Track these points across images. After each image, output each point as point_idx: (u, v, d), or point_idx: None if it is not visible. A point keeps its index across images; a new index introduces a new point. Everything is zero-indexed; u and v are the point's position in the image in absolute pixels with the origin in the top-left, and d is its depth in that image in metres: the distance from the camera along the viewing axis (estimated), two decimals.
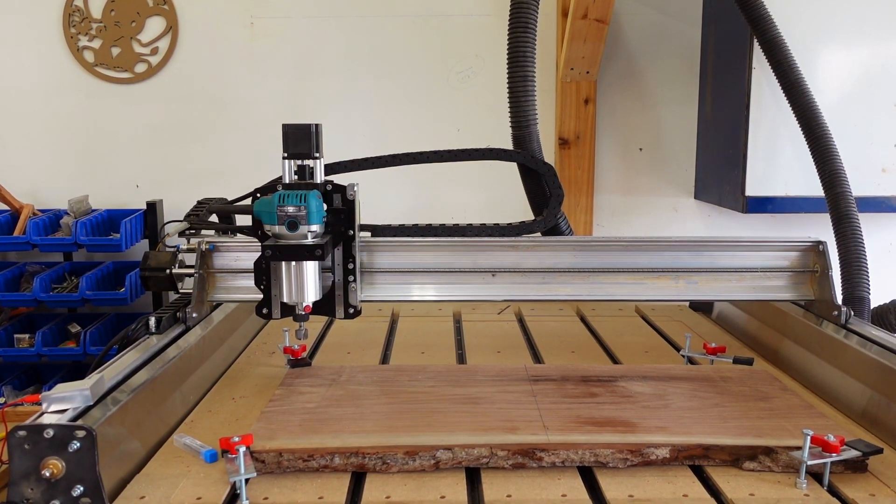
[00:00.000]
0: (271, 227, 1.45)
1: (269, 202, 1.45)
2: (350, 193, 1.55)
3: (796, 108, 2.25)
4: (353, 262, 1.58)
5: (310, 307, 1.51)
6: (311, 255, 1.43)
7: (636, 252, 1.75)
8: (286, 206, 1.42)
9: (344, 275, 1.59)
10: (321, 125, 1.50)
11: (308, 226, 1.43)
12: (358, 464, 1.22)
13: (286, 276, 1.47)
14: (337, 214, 1.54)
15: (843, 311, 1.68)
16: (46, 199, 3.13)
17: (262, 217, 1.48)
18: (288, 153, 1.50)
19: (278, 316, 1.56)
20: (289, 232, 1.42)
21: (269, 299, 1.56)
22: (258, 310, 1.58)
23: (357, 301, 1.60)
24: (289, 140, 1.49)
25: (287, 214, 1.42)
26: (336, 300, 1.59)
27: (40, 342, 2.78)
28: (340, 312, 1.60)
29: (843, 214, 2.07)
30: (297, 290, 1.47)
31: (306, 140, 1.48)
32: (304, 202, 1.42)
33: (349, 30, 3.09)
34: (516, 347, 1.93)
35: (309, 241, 1.44)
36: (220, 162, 3.15)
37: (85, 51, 3.08)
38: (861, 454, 1.21)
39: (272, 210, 1.43)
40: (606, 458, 1.24)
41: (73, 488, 1.05)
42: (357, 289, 1.59)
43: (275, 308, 1.55)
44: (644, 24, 3.09)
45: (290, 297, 1.48)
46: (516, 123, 1.88)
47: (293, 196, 1.43)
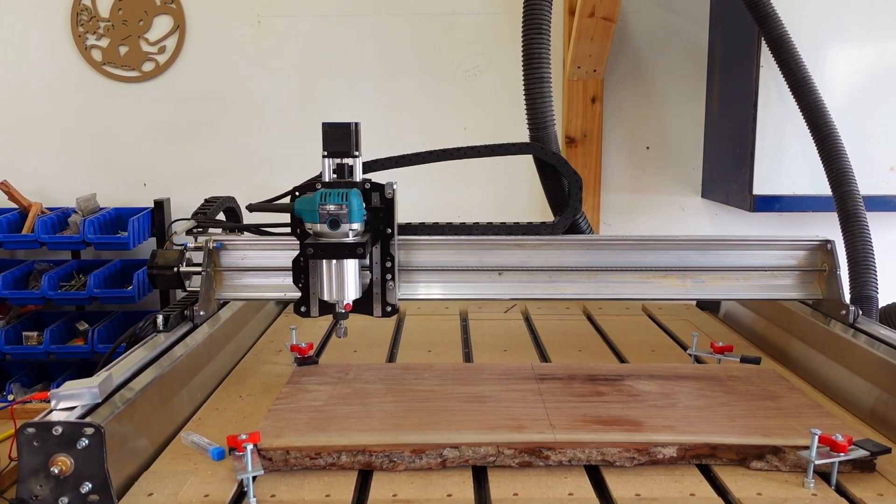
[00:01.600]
0: (313, 226, 1.46)
1: (310, 201, 1.45)
2: (388, 192, 1.55)
3: (803, 107, 2.24)
4: (391, 261, 1.58)
5: (350, 305, 1.52)
6: (352, 253, 1.44)
7: (643, 251, 1.75)
8: (328, 205, 1.43)
9: (382, 273, 1.59)
10: (360, 124, 1.50)
11: (349, 224, 1.43)
12: (365, 462, 1.22)
13: (326, 274, 1.48)
14: (375, 213, 1.54)
15: (851, 310, 1.67)
16: (54, 197, 3.14)
17: (303, 215, 1.48)
18: (328, 152, 1.50)
19: (317, 314, 1.58)
20: (330, 230, 1.43)
21: (308, 298, 1.58)
22: (296, 308, 1.59)
23: (395, 299, 1.60)
24: (328, 139, 1.50)
25: (329, 213, 1.42)
26: (374, 298, 1.60)
27: (48, 340, 2.79)
28: (378, 311, 1.61)
29: (850, 213, 2.06)
30: (338, 289, 1.48)
31: (346, 139, 1.49)
32: (345, 200, 1.43)
33: (356, 28, 3.09)
34: (523, 346, 1.93)
35: (350, 240, 1.44)
36: (227, 160, 3.16)
37: (93, 49, 3.08)
38: (869, 454, 1.20)
39: (314, 209, 1.44)
40: (613, 457, 1.23)
41: (81, 485, 1.05)
42: (395, 287, 1.59)
43: (313, 306, 1.57)
44: (651, 22, 3.08)
45: (330, 296, 1.49)
46: (534, 125, 1.87)
47: (335, 194, 1.44)
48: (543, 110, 1.84)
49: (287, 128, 3.15)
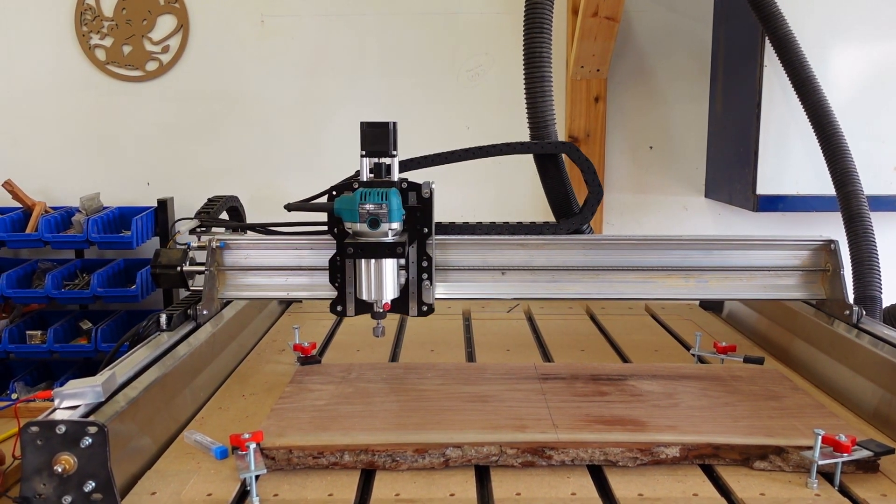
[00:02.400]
0: (352, 225, 1.46)
1: (349, 200, 1.45)
2: (425, 191, 1.55)
3: (807, 106, 2.23)
4: (427, 260, 1.59)
5: (388, 305, 1.52)
6: (392, 252, 1.44)
7: (646, 250, 1.74)
8: (367, 204, 1.43)
9: (418, 273, 1.59)
10: (397, 123, 1.50)
11: (389, 223, 1.43)
12: (367, 461, 1.22)
13: (365, 273, 1.49)
14: (412, 212, 1.54)
15: (854, 310, 1.67)
16: (58, 196, 3.15)
17: (342, 214, 1.48)
18: (366, 151, 1.50)
19: (352, 314, 1.59)
20: (370, 230, 1.43)
21: (343, 297, 1.58)
22: (332, 308, 1.60)
23: (430, 299, 1.60)
24: (366, 138, 1.49)
25: (368, 212, 1.42)
26: (409, 298, 1.60)
27: (52, 339, 2.79)
28: (414, 310, 1.61)
29: (854, 213, 2.06)
30: (377, 288, 1.48)
31: (384, 138, 1.49)
32: (385, 200, 1.43)
33: (359, 28, 3.10)
34: (526, 346, 1.93)
35: (389, 239, 1.45)
36: (230, 159, 3.16)
37: (96, 49, 3.09)
38: (872, 454, 1.20)
39: (353, 208, 1.44)
40: (616, 456, 1.23)
41: (84, 484, 1.05)
42: (431, 287, 1.60)
43: (349, 306, 1.58)
44: (654, 21, 3.08)
45: (368, 295, 1.49)
46: (534, 124, 1.87)
47: (374, 194, 1.43)
48: (544, 109, 1.84)
49: (290, 127, 3.15)
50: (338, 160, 3.15)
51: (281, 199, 3.21)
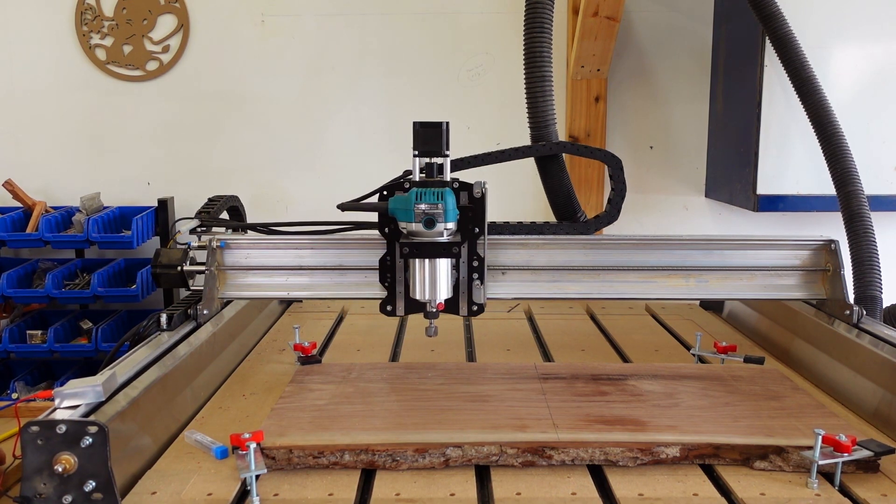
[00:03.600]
0: (407, 225, 1.46)
1: (404, 200, 1.46)
2: (477, 191, 1.55)
3: (808, 106, 2.23)
4: (478, 260, 1.59)
5: (442, 304, 1.53)
6: (448, 252, 1.45)
7: (646, 250, 1.75)
8: (422, 204, 1.43)
9: (469, 272, 1.60)
10: (449, 123, 1.50)
11: (444, 223, 1.44)
12: (368, 461, 1.22)
13: (419, 273, 1.49)
14: (464, 212, 1.54)
15: (854, 310, 1.67)
16: (59, 196, 3.14)
17: (397, 214, 1.49)
18: (419, 151, 1.50)
19: (402, 313, 1.60)
20: (425, 229, 1.43)
21: (394, 297, 1.59)
22: (382, 307, 1.61)
23: (481, 298, 1.61)
24: (419, 138, 1.50)
25: (424, 212, 1.43)
26: (459, 297, 1.60)
27: (52, 338, 2.79)
28: (464, 309, 1.61)
29: (854, 213, 2.05)
30: (430, 288, 1.49)
31: (437, 138, 1.50)
32: (440, 200, 1.43)
33: (359, 27, 3.09)
34: (526, 345, 1.93)
35: (445, 239, 1.45)
36: (230, 159, 3.16)
37: (97, 49, 3.09)
38: (873, 454, 1.20)
39: (409, 208, 1.44)
40: (616, 456, 1.23)
41: (85, 483, 1.05)
42: (481, 286, 1.60)
43: (398, 305, 1.58)
44: (655, 21, 3.08)
45: (422, 295, 1.50)
46: (535, 124, 1.87)
47: (430, 194, 1.44)
48: (545, 109, 1.84)
49: (290, 126, 3.15)
50: (338, 160, 3.16)
51: (281, 198, 3.25)
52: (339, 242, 1.73)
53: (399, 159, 3.18)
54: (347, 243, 1.73)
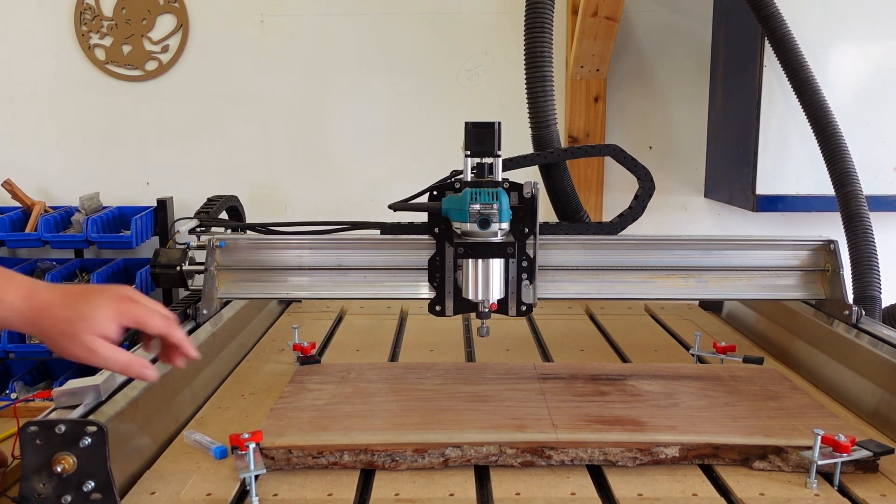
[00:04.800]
0: (461, 225, 1.46)
1: (459, 200, 1.46)
2: (527, 191, 1.55)
3: (806, 107, 2.23)
4: (527, 260, 1.59)
5: (495, 304, 1.52)
6: (502, 252, 1.45)
7: (646, 250, 1.75)
8: (478, 204, 1.43)
9: (518, 272, 1.60)
10: (501, 123, 1.50)
11: (499, 223, 1.44)
12: (367, 461, 1.22)
13: (472, 273, 1.48)
14: (515, 212, 1.55)
15: (854, 310, 1.67)
16: (58, 196, 3.14)
17: (450, 214, 1.49)
18: (471, 151, 1.50)
19: (451, 313, 1.60)
20: (480, 229, 1.43)
21: (443, 296, 1.60)
22: (431, 307, 1.61)
23: (530, 299, 1.61)
24: (471, 138, 1.49)
25: (479, 212, 1.42)
26: (508, 297, 1.60)
27: None
28: (513, 310, 1.62)
29: (853, 213, 2.06)
30: (483, 288, 1.48)
31: (490, 138, 1.48)
32: (495, 200, 1.43)
33: (359, 28, 3.09)
34: (525, 346, 1.93)
35: (499, 239, 1.45)
36: (230, 159, 3.16)
37: (96, 48, 3.09)
38: (872, 454, 1.20)
39: (463, 208, 1.44)
40: (616, 456, 1.23)
41: (84, 483, 1.05)
42: (531, 287, 1.60)
43: (448, 305, 1.59)
44: (654, 21, 3.08)
45: (475, 295, 1.49)
46: (536, 124, 1.87)
47: (485, 194, 1.43)
48: (546, 109, 1.84)
49: (290, 126, 3.15)
50: (337, 160, 3.16)
51: (280, 198, 3.24)
52: (339, 242, 1.73)
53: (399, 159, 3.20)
54: (347, 243, 1.73)
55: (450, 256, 1.62)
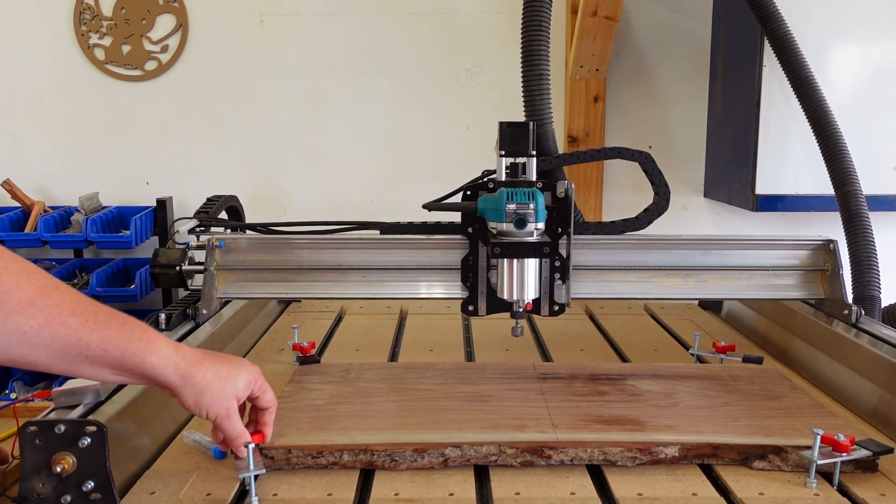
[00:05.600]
0: (496, 225, 1.46)
1: (494, 199, 1.46)
2: (560, 191, 1.56)
3: (806, 107, 2.24)
4: (560, 260, 1.59)
5: (530, 304, 1.53)
6: (539, 252, 1.45)
7: (645, 250, 1.75)
8: (513, 204, 1.43)
9: (550, 272, 1.60)
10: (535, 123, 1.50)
11: (535, 223, 1.44)
12: (367, 461, 1.22)
13: (507, 273, 1.48)
14: (549, 212, 1.55)
15: (853, 309, 1.67)
16: (57, 196, 3.14)
17: (486, 214, 1.49)
18: (505, 150, 1.50)
19: (484, 313, 1.62)
20: (516, 229, 1.43)
21: (476, 296, 1.61)
22: (464, 307, 1.62)
23: (562, 298, 1.61)
24: (506, 137, 1.50)
25: (515, 212, 1.42)
26: (541, 297, 1.60)
27: None
28: (545, 310, 1.62)
29: (853, 213, 2.06)
30: (518, 288, 1.48)
31: (524, 138, 1.49)
32: (532, 200, 1.43)
33: (358, 27, 3.09)
34: (525, 345, 1.93)
35: (535, 239, 1.45)
36: (229, 159, 3.16)
37: (95, 48, 3.09)
38: (872, 454, 1.20)
39: (499, 207, 1.44)
40: (615, 456, 1.23)
41: (83, 483, 1.05)
42: (562, 287, 1.60)
43: (481, 304, 1.60)
44: (654, 21, 3.08)
45: (510, 295, 1.49)
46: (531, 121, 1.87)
47: (521, 193, 1.43)
48: (541, 107, 1.84)
49: (290, 126, 3.15)
50: (337, 159, 3.16)
51: (280, 198, 3.24)
52: (338, 242, 1.73)
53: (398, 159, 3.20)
54: (346, 243, 1.73)
55: (483, 256, 1.62)
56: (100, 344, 0.99)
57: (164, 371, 1.05)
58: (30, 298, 0.96)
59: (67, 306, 0.98)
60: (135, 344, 1.02)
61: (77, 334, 0.98)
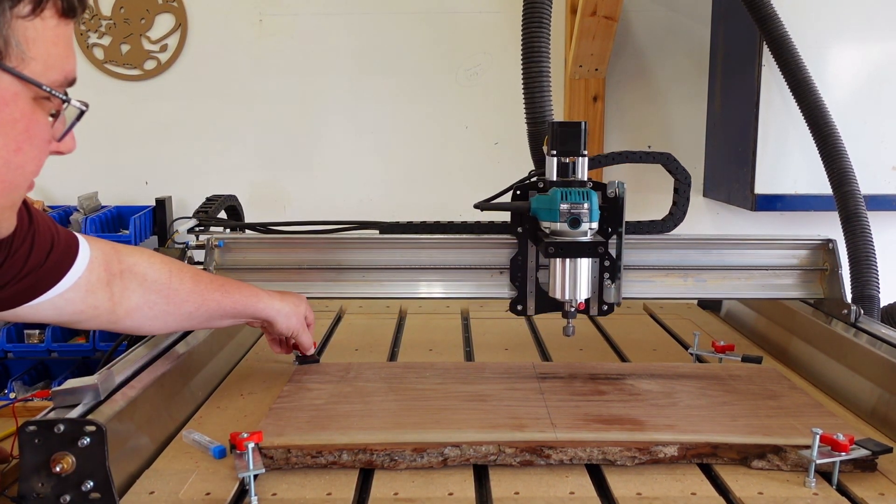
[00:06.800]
0: (550, 224, 1.46)
1: (548, 199, 1.46)
2: (611, 191, 1.56)
3: (803, 107, 2.24)
4: (609, 260, 1.59)
5: (583, 304, 1.53)
6: (593, 252, 1.45)
7: (644, 250, 1.75)
8: (567, 204, 1.43)
9: (600, 272, 1.60)
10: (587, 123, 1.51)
11: (589, 223, 1.44)
12: (366, 460, 1.22)
13: (560, 272, 1.49)
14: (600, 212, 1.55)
15: (852, 309, 1.67)
16: (56, 195, 3.14)
17: (539, 214, 1.50)
18: (557, 150, 1.50)
19: (533, 312, 1.63)
20: (570, 229, 1.43)
21: (525, 296, 1.62)
22: (512, 307, 1.63)
23: (611, 298, 1.62)
24: (557, 137, 1.50)
25: (569, 212, 1.42)
26: (591, 297, 1.60)
27: (50, 338, 2.79)
28: (594, 309, 1.63)
29: (851, 213, 2.06)
30: (571, 287, 1.49)
31: (576, 138, 1.49)
32: (586, 199, 1.43)
33: (357, 27, 3.09)
34: (524, 345, 1.93)
35: (589, 238, 1.45)
36: (229, 158, 3.16)
37: (94, 48, 3.08)
38: (871, 453, 1.20)
39: (553, 207, 1.44)
40: (614, 455, 1.23)
41: (83, 483, 1.05)
42: (611, 287, 1.60)
43: (530, 304, 1.61)
44: (653, 21, 3.08)
45: (562, 294, 1.50)
46: (532, 120, 1.87)
47: (575, 193, 1.44)
48: (542, 104, 1.84)
49: (289, 126, 3.15)
50: (336, 159, 3.16)
51: (279, 198, 3.24)
52: (338, 242, 1.73)
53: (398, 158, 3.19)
54: (346, 243, 1.73)
55: (532, 256, 1.62)
56: (232, 306, 1.44)
57: (268, 312, 1.48)
58: (189, 288, 1.38)
59: (211, 286, 1.41)
60: (250, 299, 1.46)
61: (220, 304, 1.42)
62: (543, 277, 1.63)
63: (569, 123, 1.50)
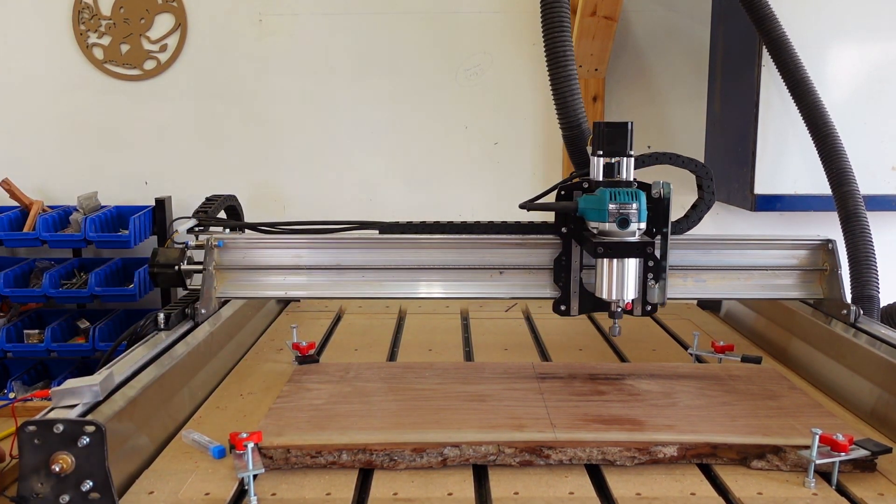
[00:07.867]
0: (599, 224, 1.46)
1: (596, 199, 1.46)
2: (655, 191, 1.56)
3: (802, 108, 2.24)
4: (653, 261, 1.59)
5: (630, 304, 1.53)
6: (642, 252, 1.45)
7: None
8: (615, 204, 1.43)
9: (644, 272, 1.59)
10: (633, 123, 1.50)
11: (637, 223, 1.44)
12: (365, 460, 1.22)
13: (607, 273, 1.48)
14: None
15: (852, 309, 1.67)
16: (56, 195, 3.14)
17: (587, 214, 1.50)
18: (603, 151, 1.50)
19: (577, 312, 1.62)
20: (619, 229, 1.43)
21: (568, 296, 1.61)
22: (555, 307, 1.62)
23: (655, 299, 1.61)
24: (603, 137, 1.50)
25: (618, 212, 1.42)
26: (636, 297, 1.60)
27: (49, 338, 2.79)
28: (638, 310, 1.62)
29: (851, 213, 2.06)
30: (618, 287, 1.49)
31: (623, 138, 1.49)
32: (634, 200, 1.43)
33: (357, 27, 3.09)
34: (524, 345, 1.93)
35: (637, 239, 1.45)
36: (228, 158, 3.16)
37: (94, 48, 3.08)
38: (870, 453, 1.20)
39: (602, 207, 1.44)
40: (614, 456, 1.23)
41: (82, 483, 1.05)
42: (654, 287, 1.60)
43: (573, 304, 1.61)
44: (653, 21, 3.08)
45: (609, 294, 1.50)
46: (566, 124, 1.84)
47: (624, 194, 1.44)
48: (575, 107, 1.81)
49: (288, 126, 3.15)
50: (336, 159, 3.16)
51: (279, 198, 3.24)
52: (337, 242, 1.73)
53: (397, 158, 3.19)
54: (345, 243, 1.72)
55: (576, 256, 1.62)
56: None
57: None
58: None
59: None
60: None
61: None
62: (587, 278, 1.63)
63: (615, 124, 1.49)
